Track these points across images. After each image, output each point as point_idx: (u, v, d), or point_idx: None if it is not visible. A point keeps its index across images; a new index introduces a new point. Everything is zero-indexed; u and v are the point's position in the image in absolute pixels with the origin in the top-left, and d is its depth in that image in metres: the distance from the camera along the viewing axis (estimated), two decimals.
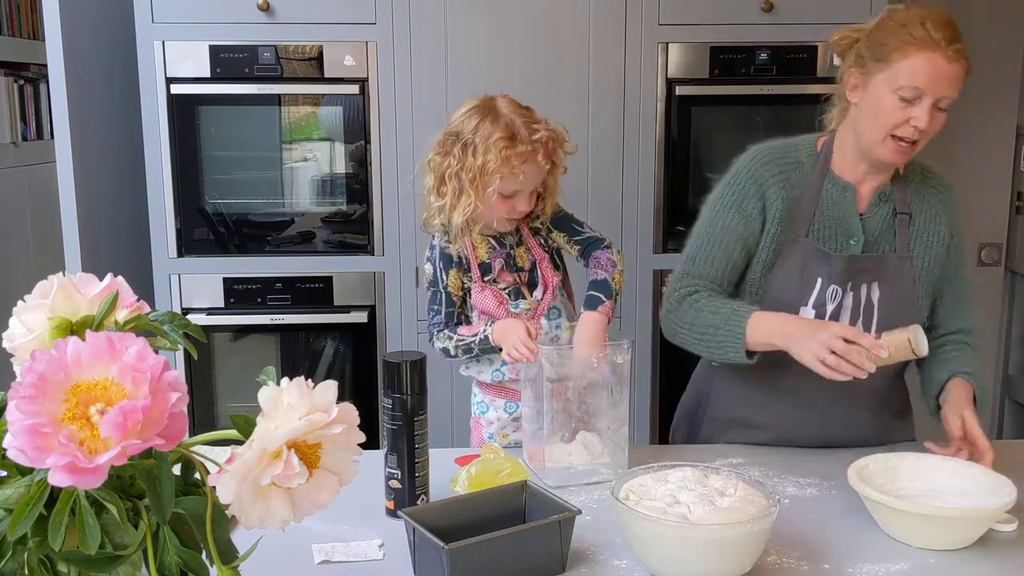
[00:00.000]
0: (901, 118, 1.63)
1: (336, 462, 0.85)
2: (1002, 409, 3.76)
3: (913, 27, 1.61)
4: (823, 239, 1.75)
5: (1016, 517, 1.50)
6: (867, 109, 1.67)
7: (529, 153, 1.78)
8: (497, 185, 1.78)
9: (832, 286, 1.73)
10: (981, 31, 3.39)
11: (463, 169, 1.79)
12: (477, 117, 1.81)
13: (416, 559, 1.34)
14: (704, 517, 1.30)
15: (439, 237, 1.92)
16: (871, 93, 1.66)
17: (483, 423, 1.98)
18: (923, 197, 1.79)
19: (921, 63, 1.60)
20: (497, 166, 1.76)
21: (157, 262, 2.90)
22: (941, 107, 1.63)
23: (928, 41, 1.59)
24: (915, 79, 1.60)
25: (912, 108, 1.62)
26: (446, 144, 1.83)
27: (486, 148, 1.77)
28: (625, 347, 1.69)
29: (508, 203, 1.82)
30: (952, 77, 1.60)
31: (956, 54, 1.59)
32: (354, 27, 2.82)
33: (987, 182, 3.49)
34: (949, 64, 1.59)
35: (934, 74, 1.59)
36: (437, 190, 1.84)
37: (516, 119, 1.80)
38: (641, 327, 2.98)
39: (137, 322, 0.86)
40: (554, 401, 1.67)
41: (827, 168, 1.77)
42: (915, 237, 1.77)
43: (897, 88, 1.61)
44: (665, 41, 2.86)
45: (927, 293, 1.79)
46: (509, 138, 1.77)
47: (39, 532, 0.77)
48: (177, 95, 2.83)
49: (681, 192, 2.96)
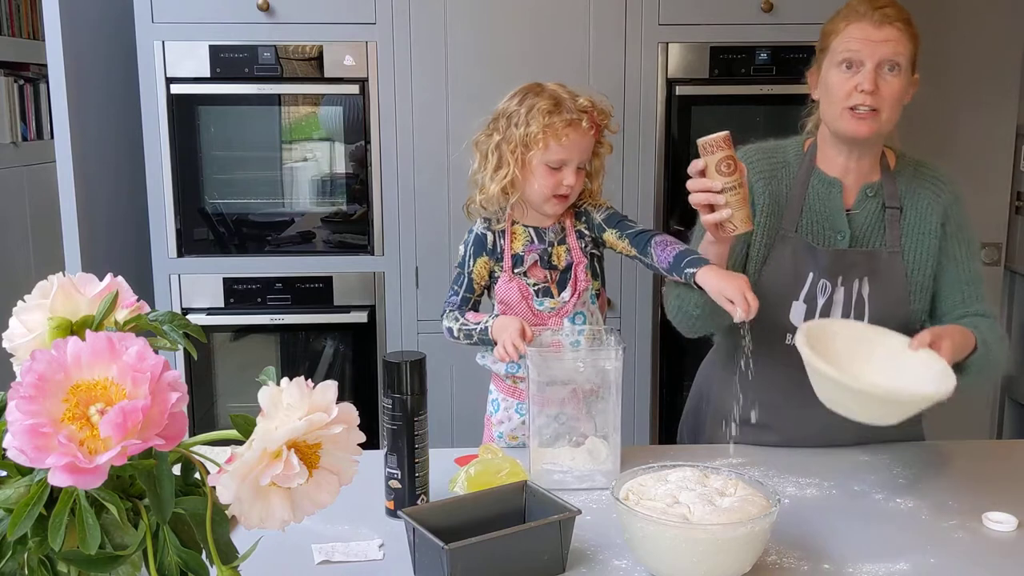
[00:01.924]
0: (848, 87, 1.70)
1: (336, 462, 0.85)
2: (1002, 409, 3.76)
3: (843, 9, 1.74)
4: (811, 234, 1.78)
5: (1016, 517, 1.50)
6: (823, 94, 1.76)
7: (574, 120, 1.79)
8: (542, 154, 1.78)
9: (822, 280, 1.75)
10: (980, 32, 3.39)
11: (504, 140, 1.82)
12: (521, 94, 1.84)
13: (416, 559, 1.34)
14: (704, 517, 1.30)
15: (479, 224, 1.92)
16: (823, 80, 1.76)
17: (493, 422, 1.97)
18: (914, 191, 1.80)
19: (851, 33, 1.70)
20: (541, 131, 1.77)
21: (157, 262, 2.90)
22: (890, 70, 1.69)
23: (852, 13, 1.71)
24: (848, 46, 1.69)
25: (856, 76, 1.69)
26: (491, 124, 1.86)
27: (529, 118, 1.79)
28: (615, 354, 1.66)
29: (555, 176, 1.81)
30: (886, 39, 1.68)
31: (883, 18, 1.68)
32: (354, 27, 2.82)
33: (987, 182, 3.49)
34: (878, 28, 1.68)
35: (864, 39, 1.68)
36: (481, 167, 1.87)
37: (562, 92, 1.83)
38: (641, 327, 2.98)
39: (137, 322, 0.86)
40: (544, 406, 1.66)
41: (813, 165, 1.80)
42: (906, 232, 1.78)
43: (838, 63, 1.71)
44: (665, 41, 2.86)
45: (921, 287, 1.78)
46: (554, 104, 1.79)
47: (39, 532, 0.77)
48: (177, 95, 2.83)
49: (681, 192, 2.94)
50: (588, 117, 1.81)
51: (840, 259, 1.75)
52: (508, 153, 1.81)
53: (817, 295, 1.75)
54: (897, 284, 1.76)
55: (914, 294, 1.78)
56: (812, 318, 1.75)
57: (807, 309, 1.75)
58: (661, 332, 2.98)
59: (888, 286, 1.76)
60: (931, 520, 1.53)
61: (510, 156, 1.80)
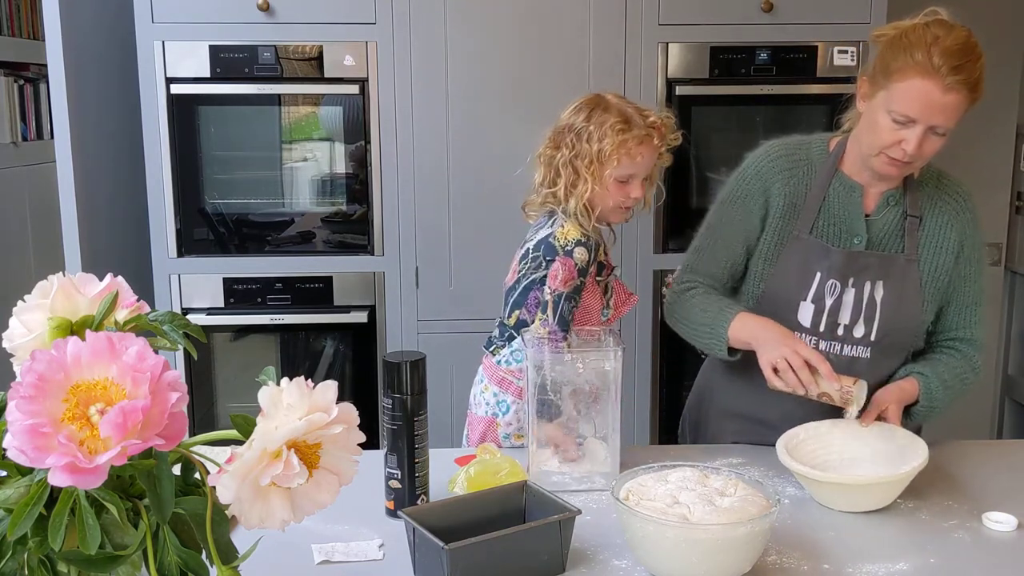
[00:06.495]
0: (892, 139, 1.63)
1: (336, 462, 0.84)
2: (1002, 409, 3.76)
3: (917, 50, 1.57)
4: (826, 236, 1.76)
5: (1016, 517, 1.50)
6: (866, 122, 1.69)
7: (645, 136, 1.80)
8: (615, 169, 1.79)
9: (831, 280, 1.74)
10: (980, 32, 3.39)
11: (577, 156, 1.81)
12: (587, 109, 1.84)
13: (416, 559, 1.34)
14: (704, 517, 1.30)
15: (576, 229, 1.84)
16: (872, 107, 1.66)
17: (500, 423, 1.97)
18: (935, 203, 1.78)
19: (915, 90, 1.58)
20: (615, 149, 1.78)
21: (157, 262, 2.90)
22: (938, 133, 1.62)
23: (927, 68, 1.56)
24: (907, 107, 1.59)
25: (904, 131, 1.61)
26: (557, 137, 1.85)
27: (602, 134, 1.79)
28: (614, 355, 1.66)
29: (623, 189, 1.82)
30: (947, 107, 1.58)
31: (956, 84, 1.56)
32: (354, 27, 2.82)
33: (987, 182, 3.49)
34: (944, 94, 1.56)
35: (927, 103, 1.58)
36: (552, 181, 1.86)
37: (627, 107, 1.83)
38: (641, 327, 2.98)
39: (137, 322, 0.86)
40: (543, 407, 1.66)
41: (836, 167, 1.78)
42: (924, 242, 1.77)
43: (891, 110, 1.61)
44: (665, 41, 2.86)
45: (933, 299, 1.78)
46: (624, 122, 1.80)
47: (39, 532, 0.77)
48: (177, 95, 2.83)
49: (681, 192, 2.96)
50: (657, 133, 1.82)
51: (853, 260, 1.74)
52: (584, 168, 1.81)
53: (825, 295, 1.74)
54: (912, 291, 1.75)
55: (926, 304, 1.77)
56: (820, 319, 1.75)
57: (815, 309, 1.75)
58: (661, 332, 2.98)
59: (903, 292, 1.75)
60: (931, 520, 1.53)
61: (586, 172, 1.80)
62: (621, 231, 2.88)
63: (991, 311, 1.84)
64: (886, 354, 1.77)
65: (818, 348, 1.74)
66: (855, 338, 1.75)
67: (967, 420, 3.40)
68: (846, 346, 1.76)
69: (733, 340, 1.73)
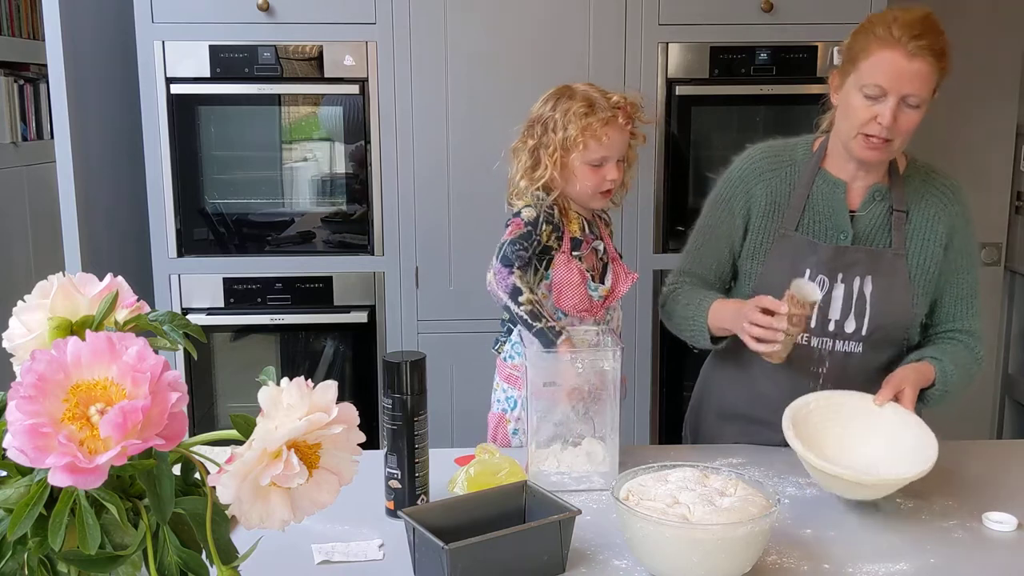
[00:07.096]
0: (867, 116, 1.66)
1: (336, 462, 0.84)
2: (1002, 409, 3.76)
3: (878, 26, 1.64)
4: (812, 233, 1.79)
5: (1016, 517, 1.50)
6: (841, 110, 1.73)
7: (610, 118, 1.82)
8: (583, 154, 1.81)
9: (820, 276, 1.76)
10: (980, 32, 3.39)
11: (540, 145, 1.84)
12: (554, 99, 1.87)
13: (416, 559, 1.34)
14: (704, 517, 1.30)
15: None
16: (844, 93, 1.71)
17: (510, 419, 1.96)
18: (922, 197, 1.79)
19: (881, 61, 1.63)
20: (580, 133, 1.80)
21: (157, 262, 2.90)
22: (911, 104, 1.64)
23: (888, 39, 1.62)
24: (875, 76, 1.63)
25: (877, 105, 1.65)
26: (528, 130, 1.88)
27: (567, 121, 1.81)
28: (612, 354, 1.66)
29: (598, 174, 1.84)
30: (915, 74, 1.62)
31: (918, 50, 1.60)
32: (354, 27, 2.82)
33: (987, 182, 3.49)
34: (909, 61, 1.61)
35: (894, 71, 1.62)
36: (518, 171, 1.89)
37: (592, 92, 1.85)
38: (641, 327, 2.98)
39: (137, 322, 0.86)
40: (541, 407, 1.66)
41: (819, 166, 1.80)
42: (911, 235, 1.78)
43: (862, 87, 1.65)
44: (665, 41, 2.86)
45: (924, 292, 1.79)
46: (588, 106, 1.81)
47: (39, 532, 0.77)
48: (177, 95, 2.83)
49: (681, 192, 2.96)
50: (622, 113, 1.84)
51: (841, 256, 1.75)
52: (546, 157, 1.83)
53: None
54: (901, 285, 1.77)
55: (917, 297, 1.78)
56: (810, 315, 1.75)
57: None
58: (661, 332, 2.98)
59: (892, 286, 1.76)
60: (931, 520, 1.53)
61: (548, 159, 1.83)
62: (621, 231, 2.89)
63: (991, 311, 1.84)
64: (878, 348, 1.78)
65: (809, 344, 1.77)
66: (846, 333, 1.76)
67: (967, 420, 3.40)
68: (838, 341, 1.77)
69: (713, 328, 1.79)
